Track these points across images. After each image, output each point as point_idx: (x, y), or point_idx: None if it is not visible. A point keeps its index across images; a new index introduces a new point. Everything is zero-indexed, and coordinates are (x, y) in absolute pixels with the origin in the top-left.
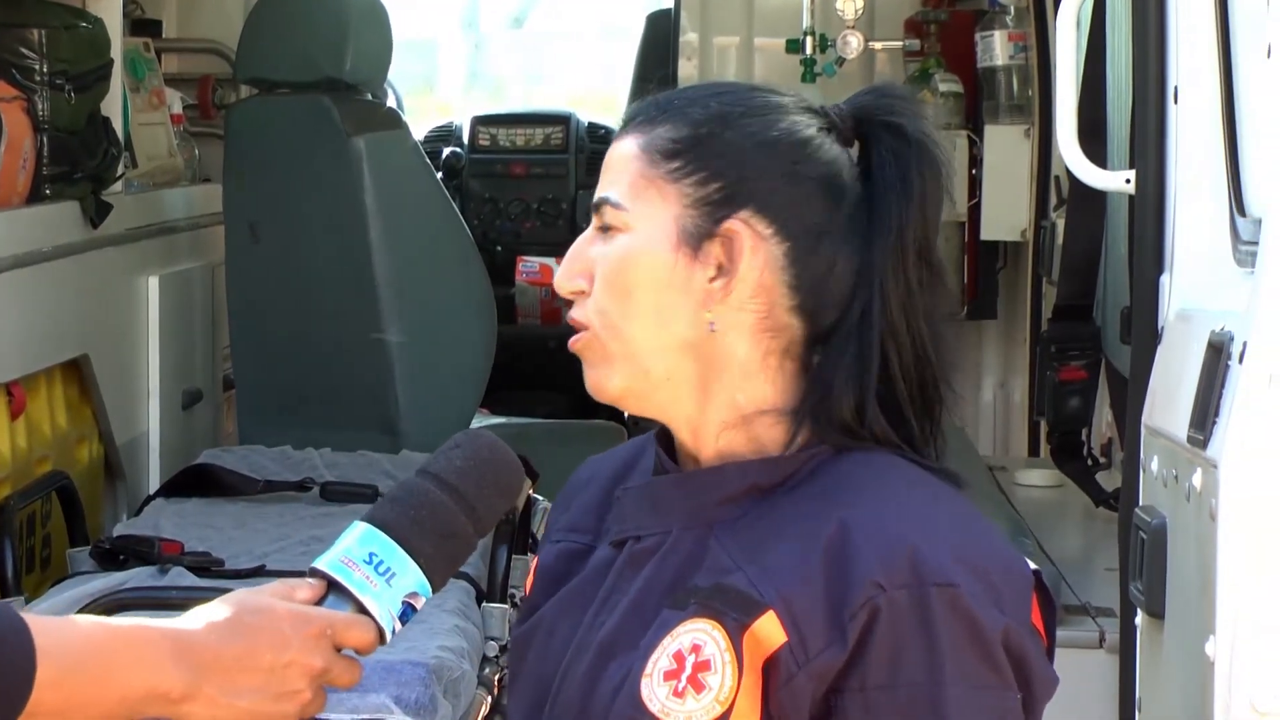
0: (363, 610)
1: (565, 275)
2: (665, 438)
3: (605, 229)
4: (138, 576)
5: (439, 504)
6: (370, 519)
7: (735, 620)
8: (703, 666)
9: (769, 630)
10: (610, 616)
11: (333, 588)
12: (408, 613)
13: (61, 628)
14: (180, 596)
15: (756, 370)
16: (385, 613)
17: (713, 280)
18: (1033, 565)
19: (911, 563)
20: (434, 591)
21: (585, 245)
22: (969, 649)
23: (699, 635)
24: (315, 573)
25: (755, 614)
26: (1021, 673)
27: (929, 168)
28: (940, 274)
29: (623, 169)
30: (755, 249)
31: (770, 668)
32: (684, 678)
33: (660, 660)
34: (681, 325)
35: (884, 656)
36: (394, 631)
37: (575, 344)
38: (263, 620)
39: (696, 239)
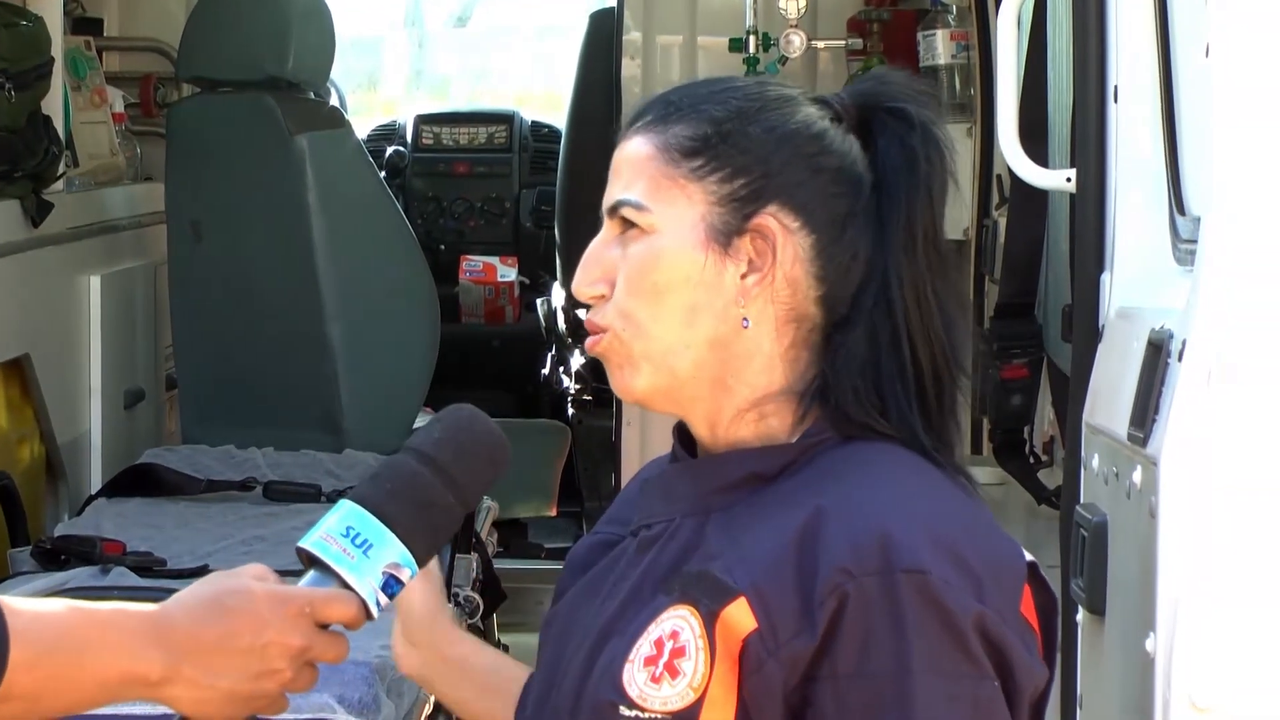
0: (344, 585)
1: (585, 280)
2: (684, 428)
3: (624, 231)
4: (79, 576)
5: (413, 473)
6: (351, 497)
7: (708, 607)
8: (679, 653)
9: (739, 617)
10: (611, 603)
11: (314, 565)
12: (392, 585)
13: (35, 609)
14: (122, 596)
15: (778, 361)
16: (365, 584)
17: (745, 276)
18: (1029, 557)
19: (882, 548)
20: (420, 565)
21: (603, 249)
22: (939, 636)
23: (678, 622)
24: (299, 552)
25: (726, 600)
26: (1001, 662)
27: (935, 151)
28: (948, 260)
29: (638, 170)
30: (785, 243)
31: (743, 655)
32: (661, 664)
33: (643, 646)
34: (710, 322)
35: (853, 644)
36: (379, 605)
37: (595, 347)
38: (240, 602)
39: (725, 236)
